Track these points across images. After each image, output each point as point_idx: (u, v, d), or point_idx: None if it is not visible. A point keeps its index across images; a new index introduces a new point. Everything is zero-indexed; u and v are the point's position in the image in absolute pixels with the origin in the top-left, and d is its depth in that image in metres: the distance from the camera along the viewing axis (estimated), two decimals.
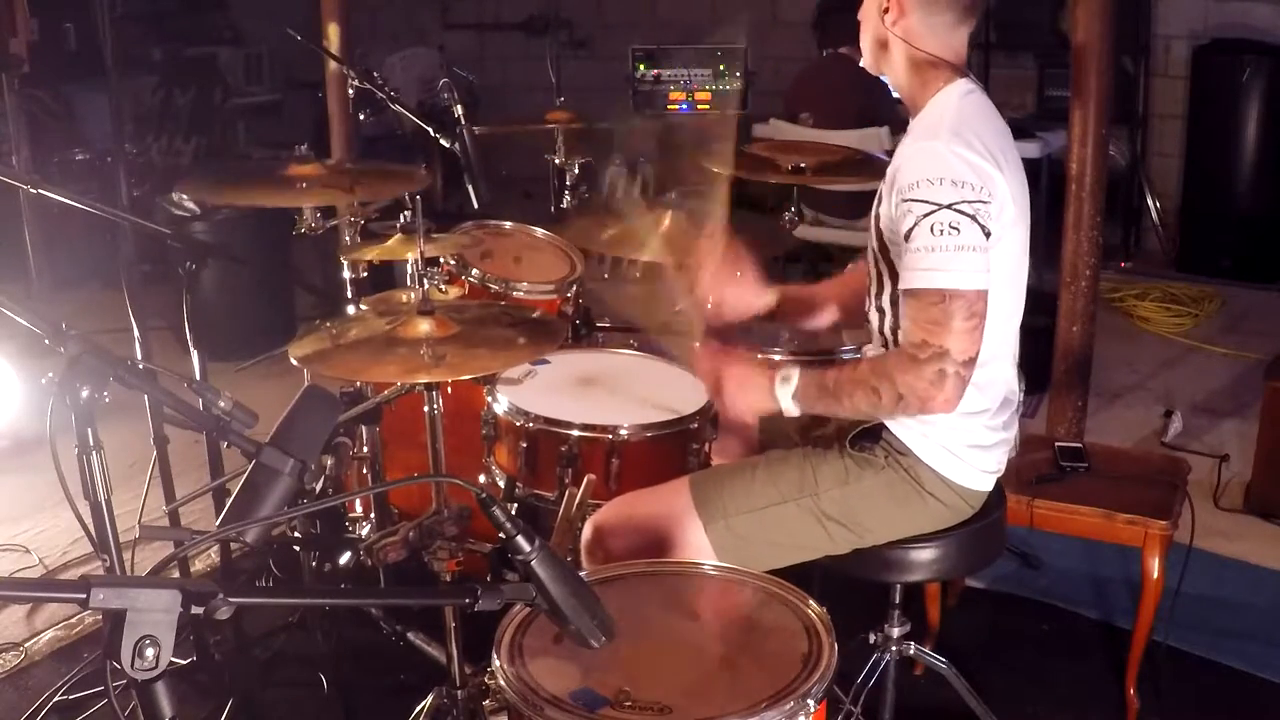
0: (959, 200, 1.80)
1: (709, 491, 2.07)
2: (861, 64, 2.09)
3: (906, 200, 1.84)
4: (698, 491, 2.08)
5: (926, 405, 1.86)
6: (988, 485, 2.09)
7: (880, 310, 2.05)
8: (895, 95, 2.18)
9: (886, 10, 1.96)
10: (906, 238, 1.84)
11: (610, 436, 2.28)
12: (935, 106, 1.95)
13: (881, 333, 2.06)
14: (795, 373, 1.97)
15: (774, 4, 7.11)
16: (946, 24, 1.95)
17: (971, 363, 1.84)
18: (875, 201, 2.02)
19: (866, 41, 2.05)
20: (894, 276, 1.96)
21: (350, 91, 3.14)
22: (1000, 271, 1.89)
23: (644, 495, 2.15)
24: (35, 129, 5.79)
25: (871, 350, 2.15)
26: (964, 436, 2.01)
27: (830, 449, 2.09)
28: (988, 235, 1.82)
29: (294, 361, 2.17)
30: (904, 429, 2.02)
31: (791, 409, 1.98)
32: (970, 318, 1.82)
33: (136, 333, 2.54)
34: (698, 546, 2.03)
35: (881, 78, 2.10)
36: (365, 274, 2.87)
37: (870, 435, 2.06)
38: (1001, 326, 1.97)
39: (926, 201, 1.81)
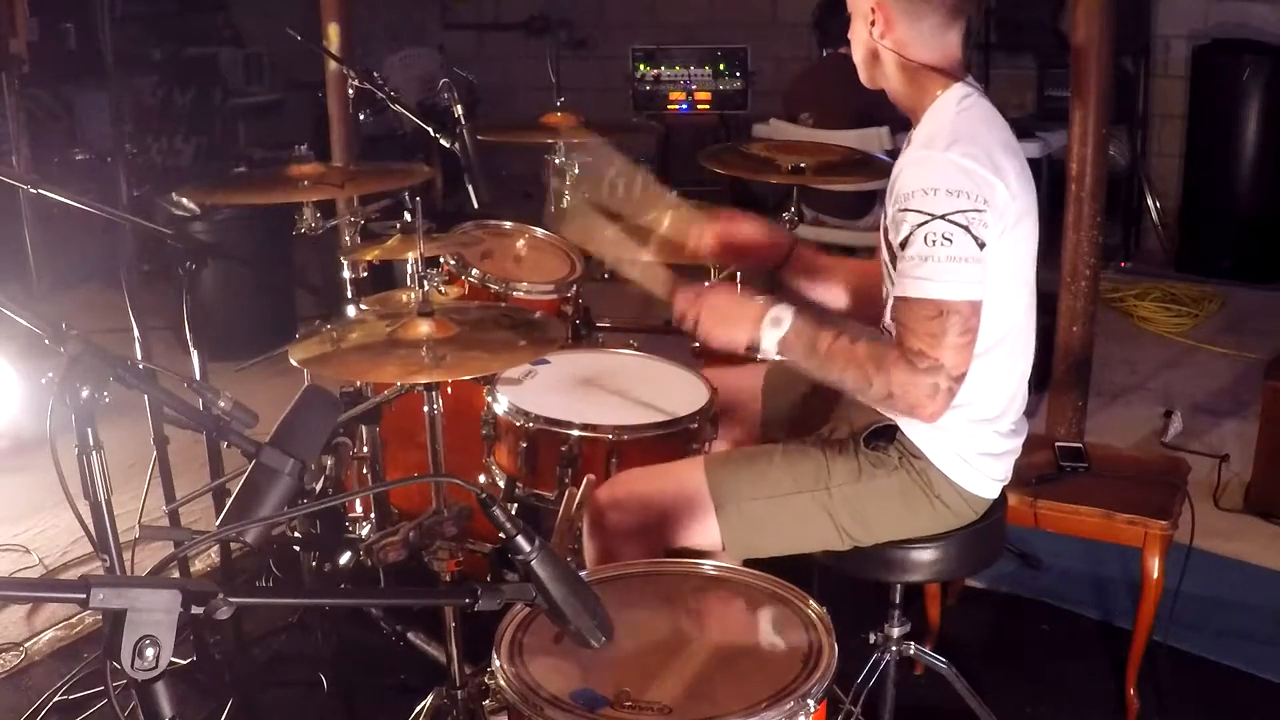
0: (953, 210, 1.81)
1: (724, 474, 2.08)
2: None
3: (903, 210, 1.86)
4: (713, 473, 2.08)
5: (914, 411, 1.88)
6: (995, 493, 2.10)
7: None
8: None
9: (873, 23, 1.97)
10: (903, 245, 1.86)
11: (610, 436, 2.28)
12: (934, 115, 1.96)
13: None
14: (789, 318, 1.95)
15: (774, 4, 7.11)
16: (934, 28, 1.95)
17: (962, 378, 1.86)
18: (882, 211, 2.03)
19: (859, 56, 2.06)
20: None
21: (350, 91, 3.14)
22: (1010, 271, 1.91)
23: (654, 471, 2.15)
24: (35, 129, 5.78)
25: None
26: (976, 444, 2.02)
27: (845, 446, 2.09)
28: (981, 246, 1.83)
29: (294, 363, 2.17)
30: (918, 432, 2.02)
31: (770, 352, 1.96)
32: (964, 333, 1.84)
33: (136, 333, 2.54)
34: (704, 528, 2.04)
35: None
36: (365, 274, 2.86)
37: (884, 435, 2.06)
38: (1018, 326, 1.99)
39: (921, 211, 1.83)
